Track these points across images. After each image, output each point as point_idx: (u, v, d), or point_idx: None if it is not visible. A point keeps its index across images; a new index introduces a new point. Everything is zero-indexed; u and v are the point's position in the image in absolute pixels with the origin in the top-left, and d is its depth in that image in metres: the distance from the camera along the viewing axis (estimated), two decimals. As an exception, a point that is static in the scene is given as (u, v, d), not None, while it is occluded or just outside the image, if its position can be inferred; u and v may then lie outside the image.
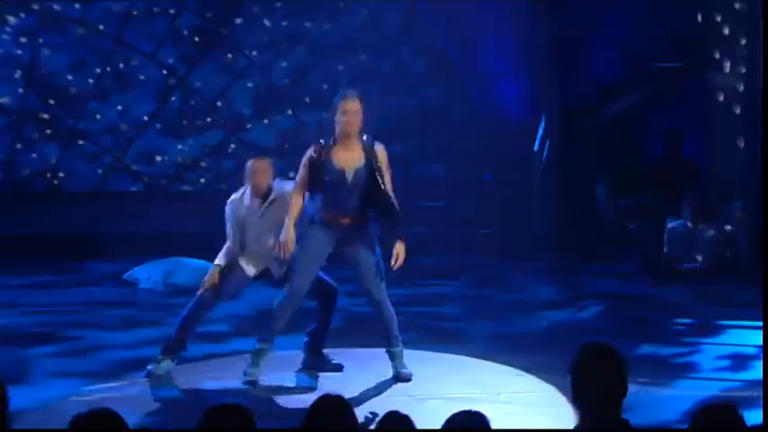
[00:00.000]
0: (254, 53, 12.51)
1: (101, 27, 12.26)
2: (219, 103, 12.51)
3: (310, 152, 6.65)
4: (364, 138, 6.65)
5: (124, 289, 10.06)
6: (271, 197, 6.99)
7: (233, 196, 7.10)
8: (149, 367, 6.98)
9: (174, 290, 9.77)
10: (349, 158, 6.57)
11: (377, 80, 12.28)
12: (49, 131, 12.27)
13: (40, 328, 8.51)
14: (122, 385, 6.82)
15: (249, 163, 7.05)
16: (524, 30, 12.21)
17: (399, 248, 6.57)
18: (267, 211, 6.99)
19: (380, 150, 6.64)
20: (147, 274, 10.13)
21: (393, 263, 6.56)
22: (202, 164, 12.54)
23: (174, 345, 6.99)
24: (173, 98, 12.43)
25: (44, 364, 7.41)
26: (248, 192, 7.04)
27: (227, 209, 7.07)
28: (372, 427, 3.49)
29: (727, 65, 11.29)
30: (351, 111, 6.56)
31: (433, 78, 12.65)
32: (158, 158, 12.48)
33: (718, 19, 11.47)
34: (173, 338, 7.00)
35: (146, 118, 12.38)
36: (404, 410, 3.61)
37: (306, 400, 6.21)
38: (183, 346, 7.01)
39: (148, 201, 12.18)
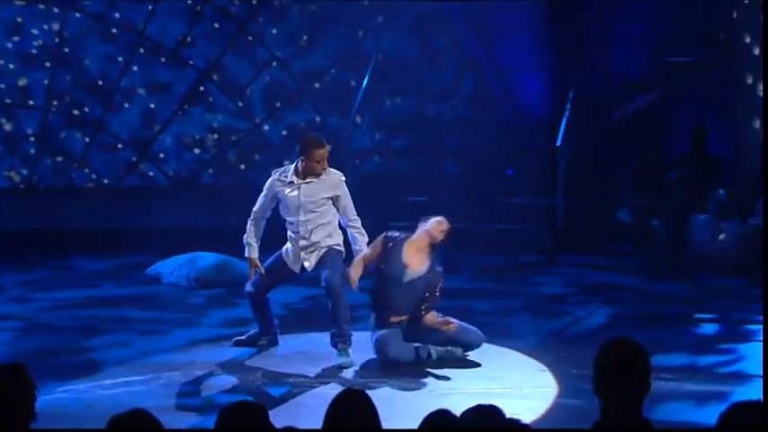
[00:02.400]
0: (275, 42, 12.45)
1: (121, 17, 12.27)
2: (248, 90, 12.47)
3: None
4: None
5: (147, 284, 10.09)
6: (321, 174, 7.12)
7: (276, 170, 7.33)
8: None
9: (198, 284, 9.82)
10: None
11: (398, 75, 12.28)
12: (75, 126, 12.32)
13: (61, 321, 8.59)
14: (147, 379, 6.86)
15: (309, 144, 7.15)
16: (546, 25, 12.17)
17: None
18: (309, 184, 7.11)
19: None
20: (171, 269, 10.15)
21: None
22: (225, 158, 12.56)
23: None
24: (201, 88, 12.44)
25: (68, 358, 7.46)
26: (295, 168, 7.16)
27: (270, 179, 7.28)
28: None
29: (751, 59, 11.23)
30: None
31: (456, 73, 12.62)
32: (180, 154, 12.50)
33: (741, 13, 11.40)
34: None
35: (172, 110, 12.39)
36: (426, 405, 3.61)
37: (328, 395, 6.27)
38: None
39: (170, 195, 12.22)
